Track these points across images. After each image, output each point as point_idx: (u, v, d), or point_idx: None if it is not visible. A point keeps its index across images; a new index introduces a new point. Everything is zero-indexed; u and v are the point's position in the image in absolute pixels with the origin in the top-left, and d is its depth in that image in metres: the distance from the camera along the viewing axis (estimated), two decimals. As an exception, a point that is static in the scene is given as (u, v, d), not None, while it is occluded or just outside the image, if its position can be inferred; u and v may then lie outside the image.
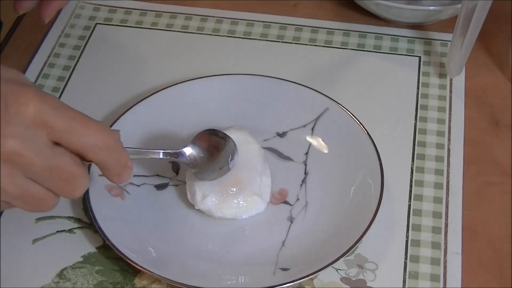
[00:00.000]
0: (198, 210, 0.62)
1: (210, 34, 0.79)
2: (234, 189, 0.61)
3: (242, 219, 0.62)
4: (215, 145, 0.61)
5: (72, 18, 0.81)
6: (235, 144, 0.61)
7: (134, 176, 0.64)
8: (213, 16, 0.81)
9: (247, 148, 0.63)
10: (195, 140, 0.60)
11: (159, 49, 0.78)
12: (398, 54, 0.77)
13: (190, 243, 0.61)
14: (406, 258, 0.60)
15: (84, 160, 0.51)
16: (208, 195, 0.61)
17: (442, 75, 0.75)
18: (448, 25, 0.78)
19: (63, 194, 0.51)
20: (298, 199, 0.64)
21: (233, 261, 0.60)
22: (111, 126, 0.65)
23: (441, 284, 0.59)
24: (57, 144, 0.49)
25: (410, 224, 0.62)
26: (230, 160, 0.60)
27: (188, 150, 0.60)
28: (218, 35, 0.79)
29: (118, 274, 0.59)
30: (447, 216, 0.63)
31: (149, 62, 0.76)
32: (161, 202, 0.64)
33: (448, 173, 0.66)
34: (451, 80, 0.74)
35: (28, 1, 0.65)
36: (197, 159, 0.59)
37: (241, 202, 0.61)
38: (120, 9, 0.82)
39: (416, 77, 0.74)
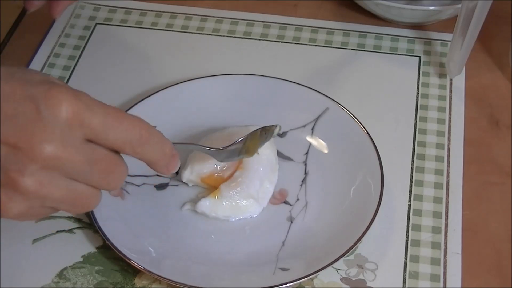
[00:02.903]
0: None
1: (210, 34, 0.79)
2: (231, 190, 0.62)
3: (235, 220, 0.62)
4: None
5: (72, 18, 0.81)
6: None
7: (134, 176, 0.64)
8: (213, 16, 0.81)
9: (259, 151, 0.63)
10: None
11: (159, 49, 0.78)
12: (398, 54, 0.77)
13: (190, 243, 0.61)
14: (406, 258, 0.60)
15: None
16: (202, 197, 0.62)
17: (442, 75, 0.75)
18: (448, 25, 0.78)
19: (106, 186, 0.50)
20: (298, 199, 0.64)
21: (233, 261, 0.60)
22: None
23: (441, 284, 0.59)
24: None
25: (410, 224, 0.62)
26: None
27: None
28: (218, 35, 0.79)
29: (118, 274, 0.59)
30: (447, 216, 0.63)
31: (149, 62, 0.76)
32: (161, 202, 0.64)
33: (448, 173, 0.66)
34: (451, 80, 0.74)
35: (38, 0, 0.66)
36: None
37: (238, 203, 0.62)
38: (120, 9, 0.82)
39: (416, 77, 0.74)
